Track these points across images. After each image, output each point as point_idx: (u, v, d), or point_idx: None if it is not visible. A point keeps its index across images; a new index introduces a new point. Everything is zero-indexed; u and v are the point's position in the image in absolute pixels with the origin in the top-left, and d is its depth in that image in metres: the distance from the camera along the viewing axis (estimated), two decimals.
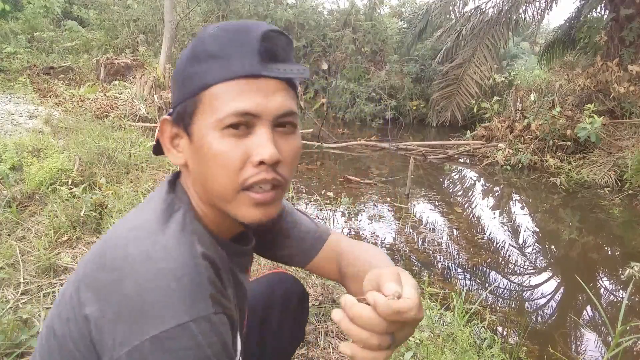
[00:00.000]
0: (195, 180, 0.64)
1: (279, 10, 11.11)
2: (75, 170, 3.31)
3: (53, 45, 10.14)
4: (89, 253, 0.61)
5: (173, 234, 0.57)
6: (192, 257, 0.55)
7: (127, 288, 0.51)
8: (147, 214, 0.60)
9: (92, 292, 0.54)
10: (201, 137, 0.60)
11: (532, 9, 8.41)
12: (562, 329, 2.61)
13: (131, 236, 0.56)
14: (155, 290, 0.51)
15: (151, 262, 0.53)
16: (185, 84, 0.61)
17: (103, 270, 0.55)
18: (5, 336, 1.57)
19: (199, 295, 0.53)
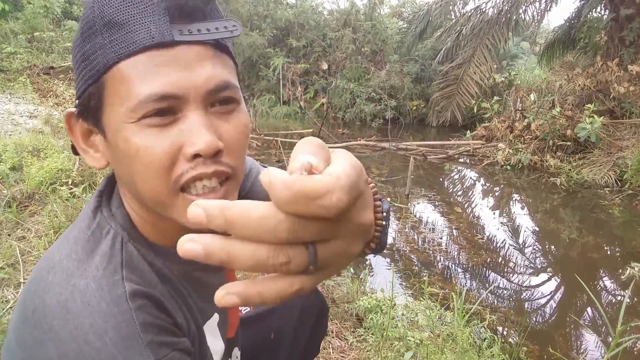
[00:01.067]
0: (122, 183, 0.53)
1: (279, 10, 11.11)
2: (75, 170, 3.31)
3: (53, 45, 10.14)
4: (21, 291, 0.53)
5: (94, 273, 0.47)
6: (116, 303, 0.46)
7: (48, 350, 0.43)
8: (69, 246, 0.50)
9: (20, 348, 0.46)
10: (115, 131, 0.47)
11: (532, 9, 8.41)
12: (562, 329, 2.61)
13: (50, 280, 0.47)
14: (78, 353, 0.42)
15: (69, 317, 0.44)
16: (84, 66, 0.47)
17: (25, 324, 0.46)
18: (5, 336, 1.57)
19: (133, 349, 0.44)
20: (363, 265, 3.20)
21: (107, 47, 0.45)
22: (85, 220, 0.52)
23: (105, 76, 0.46)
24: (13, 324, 0.48)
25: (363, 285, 2.59)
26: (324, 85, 10.74)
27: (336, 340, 1.90)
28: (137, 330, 0.45)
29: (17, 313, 0.49)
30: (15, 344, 0.46)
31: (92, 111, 0.48)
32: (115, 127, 0.47)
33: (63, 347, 0.43)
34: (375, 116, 9.98)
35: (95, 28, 0.46)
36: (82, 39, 0.47)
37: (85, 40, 0.47)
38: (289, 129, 8.24)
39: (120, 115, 0.46)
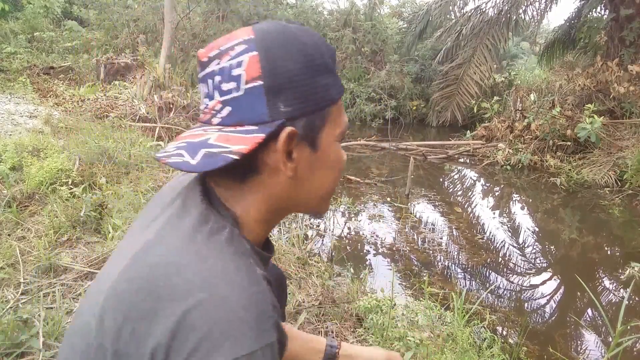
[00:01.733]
0: (290, 188, 0.62)
1: (279, 10, 11.12)
2: (75, 170, 3.31)
3: (53, 45, 10.15)
4: (121, 277, 0.55)
5: (229, 257, 0.54)
6: (255, 282, 0.54)
7: (194, 319, 0.49)
8: (190, 233, 0.56)
9: (153, 324, 0.51)
10: (327, 147, 0.62)
11: (532, 9, 8.42)
12: (562, 329, 2.61)
13: (184, 262, 0.53)
14: (224, 321, 0.49)
15: (215, 291, 0.51)
16: (311, 96, 0.59)
17: (160, 301, 0.51)
18: (5, 336, 1.57)
19: (266, 324, 0.52)
20: (363, 265, 3.20)
21: (332, 86, 0.61)
22: (198, 211, 0.58)
23: (330, 107, 0.61)
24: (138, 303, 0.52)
25: (363, 285, 2.60)
26: None
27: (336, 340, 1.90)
28: (269, 309, 0.53)
29: (140, 294, 0.52)
30: (146, 323, 0.51)
31: (313, 131, 0.60)
32: (328, 143, 0.62)
33: (211, 316, 0.49)
34: (375, 116, 9.98)
35: (320, 69, 0.59)
36: (309, 73, 0.58)
37: (311, 75, 0.59)
38: None
39: (333, 135, 0.63)
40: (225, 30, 10.22)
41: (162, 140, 5.16)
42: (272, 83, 0.56)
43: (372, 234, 3.80)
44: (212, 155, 0.55)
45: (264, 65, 0.56)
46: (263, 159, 0.58)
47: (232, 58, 0.56)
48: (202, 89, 0.61)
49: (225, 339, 0.49)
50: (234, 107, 0.57)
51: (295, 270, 2.38)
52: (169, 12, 8.04)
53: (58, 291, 1.98)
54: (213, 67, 0.58)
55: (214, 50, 0.58)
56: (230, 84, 0.56)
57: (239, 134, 0.56)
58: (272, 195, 0.61)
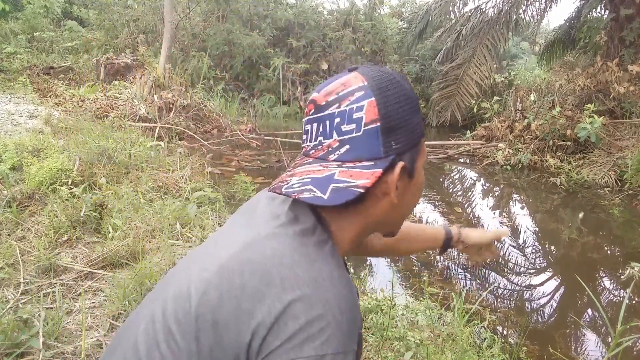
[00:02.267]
0: (387, 213, 0.70)
1: (279, 10, 11.12)
2: (75, 170, 3.31)
3: (53, 45, 10.15)
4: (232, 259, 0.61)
5: (332, 264, 0.62)
6: (352, 292, 0.61)
7: (297, 310, 0.55)
8: (299, 236, 0.63)
9: (259, 305, 0.57)
10: (418, 175, 0.71)
11: (531, 9, 8.42)
12: (562, 329, 2.61)
13: (295, 259, 0.60)
14: (322, 318, 0.55)
15: (320, 290, 0.57)
16: (413, 134, 0.68)
17: (271, 286, 0.57)
18: (5, 336, 1.57)
19: (354, 332, 0.58)
20: (363, 265, 3.20)
21: (420, 124, 0.69)
22: (306, 223, 0.65)
23: (421, 141, 0.70)
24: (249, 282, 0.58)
25: (363, 285, 2.60)
26: None
27: None
28: (359, 319, 0.60)
29: (254, 276, 0.59)
30: (251, 303, 0.57)
31: (413, 162, 0.69)
32: (418, 171, 0.71)
33: (311, 310, 0.55)
34: None
35: (416, 109, 0.68)
36: (411, 113, 0.68)
37: (412, 115, 0.68)
38: (289, 129, 8.23)
39: (420, 164, 0.71)
40: (225, 30, 10.23)
41: (162, 140, 5.16)
42: (387, 125, 0.65)
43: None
44: (340, 190, 0.63)
45: (380, 109, 0.64)
46: (373, 190, 0.66)
47: (351, 103, 0.64)
48: (314, 127, 0.68)
49: (319, 334, 0.54)
50: (352, 146, 0.65)
51: None
52: (169, 12, 8.05)
53: (58, 291, 1.98)
54: (333, 110, 0.65)
55: (332, 96, 0.66)
56: (350, 125, 0.64)
57: (359, 169, 0.64)
58: (369, 219, 0.70)
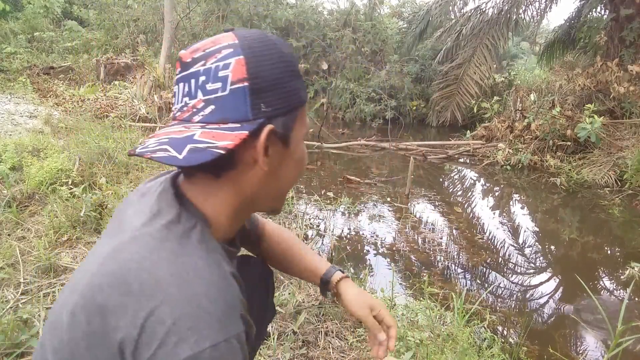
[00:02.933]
0: (262, 183, 0.66)
1: (279, 10, 11.11)
2: (75, 170, 3.31)
3: (53, 45, 10.15)
4: (95, 278, 0.57)
5: (199, 254, 0.58)
6: (223, 277, 0.58)
7: (162, 313, 0.52)
8: (162, 232, 0.59)
9: (122, 317, 0.53)
10: (296, 144, 0.68)
11: (531, 9, 8.41)
12: (562, 329, 2.61)
13: (154, 259, 0.56)
14: (192, 315, 0.52)
15: (185, 286, 0.54)
16: (288, 98, 0.64)
17: (130, 296, 0.54)
18: (5, 336, 1.57)
19: (232, 316, 0.55)
20: (363, 265, 3.20)
21: (301, 90, 0.67)
22: (172, 211, 0.62)
23: (300, 108, 0.67)
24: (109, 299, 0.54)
25: (363, 285, 2.60)
26: (324, 85, 10.74)
27: (336, 340, 1.90)
28: (237, 303, 0.57)
29: (111, 289, 0.55)
30: (115, 318, 0.53)
31: (287, 128, 0.65)
32: (296, 141, 0.68)
33: (178, 310, 0.52)
34: (375, 116, 9.97)
35: (295, 74, 0.66)
36: (288, 76, 0.64)
37: (290, 79, 0.64)
38: None
39: (300, 134, 0.68)
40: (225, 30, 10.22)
41: None
42: (256, 85, 0.60)
43: (372, 234, 3.80)
44: (199, 150, 0.58)
45: (249, 68, 0.60)
46: (241, 154, 0.62)
47: (218, 60, 0.60)
48: (180, 87, 0.63)
49: (191, 332, 0.51)
50: (218, 106, 0.60)
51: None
52: (169, 12, 8.05)
53: (58, 291, 1.98)
54: (198, 68, 0.60)
55: (199, 52, 0.61)
56: (215, 84, 0.59)
57: (223, 130, 0.59)
58: (243, 190, 0.65)
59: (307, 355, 1.78)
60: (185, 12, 10.86)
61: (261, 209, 0.72)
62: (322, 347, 1.83)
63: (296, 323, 1.91)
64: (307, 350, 1.81)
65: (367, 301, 0.96)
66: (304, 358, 1.77)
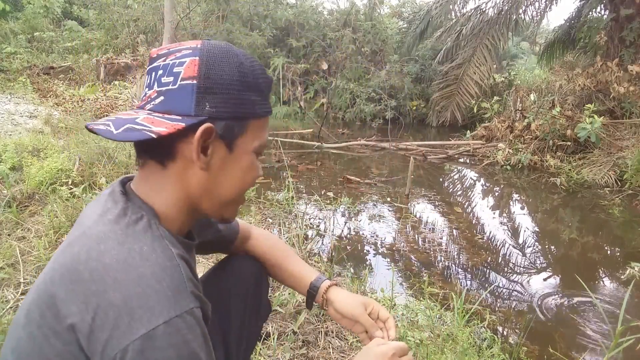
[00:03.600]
0: (200, 185, 0.69)
1: (279, 10, 11.11)
2: (75, 170, 3.31)
3: (53, 45, 10.15)
4: (47, 274, 0.61)
5: (144, 240, 0.60)
6: (169, 259, 0.60)
7: (112, 297, 0.54)
8: (109, 225, 0.62)
9: (73, 304, 0.56)
10: (242, 153, 0.70)
11: (531, 9, 8.41)
12: (562, 329, 2.61)
13: (102, 248, 0.59)
14: (141, 295, 0.55)
15: (131, 269, 0.56)
16: (237, 105, 0.67)
17: (81, 283, 0.56)
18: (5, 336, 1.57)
19: (182, 293, 0.57)
20: (363, 265, 3.20)
21: (258, 104, 0.70)
22: (118, 206, 0.65)
23: (251, 121, 0.70)
24: (59, 289, 0.58)
25: (363, 285, 2.60)
26: (324, 85, 10.74)
27: (336, 340, 1.90)
28: (184, 280, 0.59)
29: (62, 280, 0.58)
30: (67, 306, 0.56)
31: (232, 134, 0.68)
32: (243, 150, 0.70)
33: (128, 292, 0.55)
34: (375, 116, 9.97)
35: (251, 87, 0.68)
36: (240, 87, 0.67)
37: (242, 89, 0.67)
38: (289, 129, 8.23)
39: (250, 146, 0.70)
40: (226, 30, 10.23)
41: None
42: (204, 84, 0.64)
43: (372, 234, 3.80)
44: (134, 130, 0.63)
45: (201, 68, 0.65)
46: (181, 147, 0.65)
47: (176, 58, 0.66)
48: (145, 80, 0.70)
49: (143, 311, 0.54)
50: (166, 98, 0.65)
51: None
52: (169, 12, 8.04)
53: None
54: (159, 63, 0.67)
55: (164, 50, 0.68)
56: (169, 78, 0.65)
57: (164, 119, 0.64)
58: (187, 187, 0.68)
59: (307, 355, 1.78)
60: (185, 12, 10.86)
61: (211, 214, 0.74)
62: (322, 347, 1.83)
63: (296, 323, 1.91)
64: (307, 350, 1.81)
65: (360, 300, 0.98)
66: (304, 358, 1.77)
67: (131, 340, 0.52)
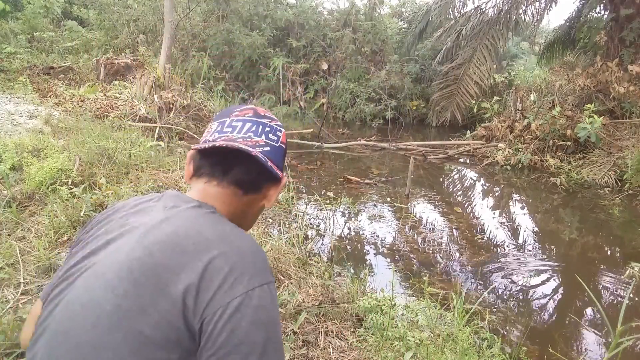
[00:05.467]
0: (255, 213, 0.89)
1: (279, 10, 11.11)
2: (75, 170, 3.31)
3: (53, 45, 10.14)
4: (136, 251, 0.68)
5: (229, 224, 0.77)
6: (255, 241, 0.77)
7: (219, 263, 0.67)
8: (191, 211, 0.76)
9: (182, 272, 0.65)
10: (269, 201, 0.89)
11: (531, 9, 8.41)
12: (562, 329, 2.61)
13: (198, 224, 0.73)
14: (242, 263, 0.68)
15: (232, 243, 0.71)
16: None
17: (186, 254, 0.67)
18: (5, 336, 1.57)
19: (268, 269, 0.73)
20: (363, 265, 3.20)
21: None
22: (191, 203, 0.78)
23: None
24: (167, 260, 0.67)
25: (363, 285, 2.60)
26: (324, 85, 10.74)
27: (336, 340, 1.90)
28: (267, 261, 0.75)
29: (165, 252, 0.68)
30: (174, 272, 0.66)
31: None
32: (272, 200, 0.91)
33: (230, 260, 0.68)
34: (375, 116, 9.97)
35: None
36: None
37: None
38: (289, 129, 8.24)
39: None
40: (226, 30, 10.23)
41: (162, 140, 5.16)
42: (285, 152, 0.89)
43: (372, 234, 3.80)
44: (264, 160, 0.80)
45: (285, 140, 0.89)
46: (267, 187, 0.85)
47: (278, 126, 0.87)
48: (246, 125, 0.84)
49: (244, 274, 0.67)
50: (271, 150, 0.83)
51: (295, 270, 2.37)
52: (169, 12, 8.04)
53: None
54: (266, 121, 0.85)
55: (268, 114, 0.87)
56: (274, 137, 0.85)
57: (274, 165, 0.82)
58: (247, 211, 0.85)
59: (307, 355, 1.78)
60: (185, 12, 10.86)
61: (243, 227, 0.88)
62: (322, 347, 1.83)
63: (296, 323, 1.91)
64: (307, 350, 1.81)
65: None
66: (304, 358, 1.77)
67: (233, 297, 0.64)
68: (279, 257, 2.44)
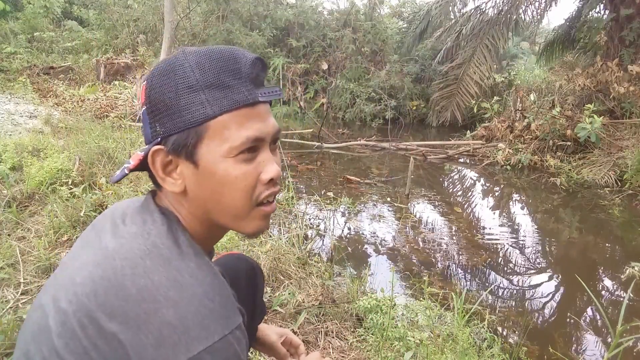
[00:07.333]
0: (197, 203, 0.66)
1: (279, 10, 11.11)
2: (75, 170, 3.31)
3: (53, 45, 10.15)
4: (87, 285, 0.57)
5: (190, 257, 0.60)
6: (215, 277, 0.61)
7: (167, 315, 0.54)
8: (151, 238, 0.61)
9: (121, 322, 0.54)
10: (212, 164, 0.62)
11: (531, 9, 8.41)
12: (562, 329, 2.61)
13: (149, 264, 0.58)
14: (195, 313, 0.55)
15: (184, 289, 0.57)
16: (182, 114, 0.61)
17: (129, 301, 0.55)
18: (5, 336, 1.57)
19: (231, 310, 0.59)
20: (363, 265, 3.20)
21: (209, 102, 0.61)
22: (156, 218, 0.64)
23: (207, 124, 0.61)
24: (104, 305, 0.56)
25: (363, 285, 2.60)
26: (324, 85, 10.74)
27: (336, 340, 1.90)
28: (231, 297, 0.61)
29: (107, 295, 0.56)
30: (115, 322, 0.55)
31: (186, 147, 0.62)
32: (213, 160, 0.62)
33: (182, 311, 0.55)
34: (375, 116, 9.97)
35: (195, 87, 0.61)
36: (179, 92, 0.61)
37: (182, 95, 0.61)
38: (289, 129, 8.24)
39: (220, 151, 0.62)
40: (225, 30, 10.23)
41: None
42: (150, 108, 0.63)
43: (372, 234, 3.80)
44: (121, 169, 0.67)
45: (147, 92, 0.63)
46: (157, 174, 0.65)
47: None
48: None
49: (199, 329, 0.55)
50: (143, 129, 0.67)
51: (295, 270, 2.37)
52: (169, 12, 8.04)
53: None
54: None
55: None
56: None
57: (138, 152, 0.65)
58: (194, 205, 0.67)
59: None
60: (185, 12, 10.86)
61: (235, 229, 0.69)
62: (322, 347, 1.83)
63: (296, 323, 1.91)
64: (307, 350, 1.81)
65: (275, 330, 1.11)
66: None
67: (189, 357, 0.53)
68: (279, 257, 2.44)
